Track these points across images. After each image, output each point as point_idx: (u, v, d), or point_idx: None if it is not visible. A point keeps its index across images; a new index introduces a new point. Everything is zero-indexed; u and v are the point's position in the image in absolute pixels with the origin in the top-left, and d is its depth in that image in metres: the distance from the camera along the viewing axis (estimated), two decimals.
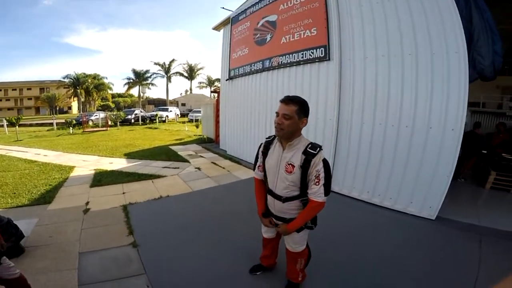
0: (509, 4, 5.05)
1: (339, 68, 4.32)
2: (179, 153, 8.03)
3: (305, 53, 4.86)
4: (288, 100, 1.62)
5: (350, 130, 4.29)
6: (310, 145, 1.64)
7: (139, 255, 2.65)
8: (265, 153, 1.85)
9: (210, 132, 10.56)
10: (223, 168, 6.30)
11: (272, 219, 1.93)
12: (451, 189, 3.43)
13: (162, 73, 38.09)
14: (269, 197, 1.87)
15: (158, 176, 5.45)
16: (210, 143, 10.04)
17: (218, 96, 9.49)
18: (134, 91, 42.46)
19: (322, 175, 1.60)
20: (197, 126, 14.06)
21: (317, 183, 1.61)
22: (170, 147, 9.19)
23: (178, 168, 6.21)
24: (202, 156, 7.65)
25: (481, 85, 6.10)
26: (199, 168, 6.17)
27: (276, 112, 1.65)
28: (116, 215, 3.58)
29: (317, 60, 4.66)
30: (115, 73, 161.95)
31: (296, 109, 1.60)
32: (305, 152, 1.62)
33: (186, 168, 6.18)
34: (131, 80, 37.69)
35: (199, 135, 12.16)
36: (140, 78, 37.02)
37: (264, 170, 1.87)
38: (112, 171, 5.83)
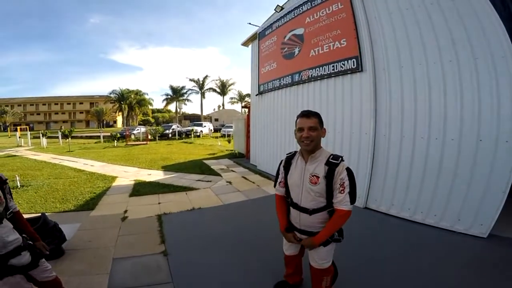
0: None
1: (374, 79, 4.15)
2: (212, 167, 8.26)
3: (336, 65, 4.75)
4: (308, 113, 1.70)
5: (388, 144, 4.02)
6: (331, 156, 1.68)
7: (168, 264, 2.70)
8: (287, 168, 1.87)
9: (241, 147, 10.73)
10: (253, 182, 6.32)
11: (296, 233, 1.87)
12: (506, 204, 3.01)
13: (197, 89, 39.72)
14: (293, 211, 1.85)
15: (192, 189, 5.64)
16: (241, 158, 10.18)
17: (249, 111, 9.66)
18: (172, 107, 44.71)
19: (346, 183, 1.62)
20: (229, 141, 14.42)
21: (342, 191, 1.62)
22: (204, 161, 9.51)
23: (210, 181, 6.37)
24: (233, 171, 7.78)
25: None
26: (230, 182, 6.27)
27: (300, 128, 1.69)
28: (150, 224, 3.73)
29: (349, 72, 4.52)
30: (153, 89, 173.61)
31: (318, 120, 1.69)
32: (327, 163, 1.66)
33: (218, 182, 6.31)
34: (169, 96, 39.85)
35: (230, 150, 12.39)
36: (177, 94, 39.01)
37: (286, 186, 1.88)
38: (150, 182, 6.17)
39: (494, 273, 2.51)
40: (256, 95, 7.88)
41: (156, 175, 7.06)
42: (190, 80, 40.13)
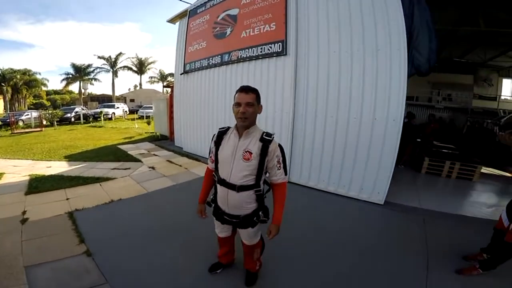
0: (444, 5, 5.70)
1: (295, 63, 4.48)
2: (129, 152, 7.43)
3: (264, 48, 4.92)
4: (247, 89, 1.68)
5: (305, 123, 4.49)
6: (265, 133, 1.72)
7: (96, 264, 2.39)
8: (217, 143, 1.81)
9: (164, 129, 10.04)
10: (180, 166, 6.04)
11: (205, 212, 2.02)
12: (394, 175, 3.81)
13: (107, 67, 34.65)
14: (221, 189, 1.81)
15: (107, 179, 4.95)
16: (164, 141, 9.54)
17: (172, 91, 9.08)
18: (74, 88, 37.96)
19: (281, 159, 1.74)
20: (148, 123, 13.21)
21: (279, 168, 1.73)
22: (119, 146, 8.46)
23: (129, 168, 5.72)
24: (155, 155, 7.21)
25: (414, 80, 6.88)
26: (153, 168, 5.80)
27: (237, 103, 1.65)
28: (61, 224, 3.16)
29: (275, 55, 4.75)
30: (51, 68, 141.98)
31: (255, 96, 1.68)
32: (262, 139, 1.68)
33: (138, 168, 5.74)
34: (70, 76, 33.48)
35: (151, 133, 11.50)
36: (81, 73, 33.13)
37: (216, 161, 1.83)
38: (51, 176, 5.13)
39: (390, 232, 3.16)
40: (181, 74, 7.43)
41: (58, 167, 5.88)
42: (99, 57, 34.34)
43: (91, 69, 33.92)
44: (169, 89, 12.25)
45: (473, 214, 3.74)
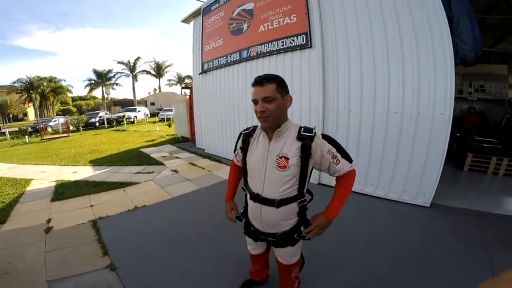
0: None
1: (322, 55, 4.12)
2: (152, 155, 7.41)
3: (285, 41, 4.62)
4: (262, 80, 1.27)
5: (336, 119, 4.12)
6: (303, 129, 1.33)
7: (120, 279, 2.23)
8: (244, 149, 1.48)
9: (184, 130, 10.00)
10: (203, 168, 5.88)
11: (234, 217, 1.63)
12: (443, 175, 3.38)
13: (127, 72, 35.86)
14: (253, 205, 1.46)
15: (130, 184, 4.87)
16: (185, 142, 9.50)
17: (191, 92, 8.99)
18: (98, 93, 39.54)
19: (334, 150, 1.34)
20: (169, 125, 13.33)
21: (338, 161, 1.35)
22: (142, 149, 8.50)
23: (152, 172, 5.65)
24: (178, 157, 7.13)
25: None
26: (176, 171, 5.69)
27: (253, 100, 1.30)
28: (85, 233, 3.06)
29: (298, 48, 4.43)
30: (75, 75, 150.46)
31: (275, 87, 1.27)
32: (300, 137, 1.30)
33: (161, 172, 5.65)
34: (93, 81, 34.93)
35: (172, 135, 11.52)
36: (102, 78, 34.42)
37: (244, 171, 1.51)
38: (77, 182, 5.15)
39: (438, 237, 2.78)
40: (200, 73, 7.27)
41: (83, 172, 5.93)
42: (119, 62, 35.83)
43: (112, 74, 35.08)
44: (187, 91, 12.25)
45: None
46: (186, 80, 36.97)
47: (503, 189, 4.46)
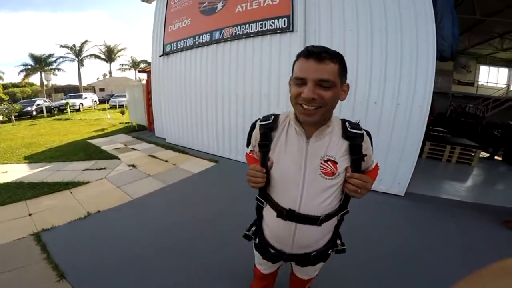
0: None
1: (304, 40, 3.88)
2: (103, 147, 6.41)
3: (265, 23, 4.26)
4: (323, 53, 0.83)
5: None
6: (348, 123, 1.01)
7: None
8: (264, 147, 1.03)
9: (141, 118, 9.10)
10: (166, 161, 5.23)
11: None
12: (417, 165, 3.49)
13: (72, 56, 31.84)
14: (280, 225, 1.06)
15: (78, 184, 4.01)
16: (142, 131, 8.61)
17: (148, 76, 8.16)
18: (35, 79, 34.58)
19: (371, 150, 1.08)
20: (122, 113, 11.98)
21: (371, 158, 1.10)
22: (90, 141, 7.37)
23: (104, 168, 4.79)
24: (134, 149, 6.27)
25: None
26: (134, 166, 4.93)
27: (300, 78, 0.86)
28: (27, 251, 2.35)
29: (278, 31, 4.13)
30: (9, 60, 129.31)
31: (338, 68, 0.86)
32: (346, 135, 0.98)
33: (116, 168, 4.83)
34: (29, 67, 30.35)
35: (126, 123, 10.45)
36: (41, 63, 30.12)
37: (267, 177, 1.04)
38: (8, 184, 4.09)
39: (413, 224, 2.86)
40: (160, 55, 6.50)
41: (16, 172, 4.79)
42: (62, 46, 31.36)
43: (53, 59, 31.08)
44: (143, 75, 11.13)
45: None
46: (142, 65, 34.34)
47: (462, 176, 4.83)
